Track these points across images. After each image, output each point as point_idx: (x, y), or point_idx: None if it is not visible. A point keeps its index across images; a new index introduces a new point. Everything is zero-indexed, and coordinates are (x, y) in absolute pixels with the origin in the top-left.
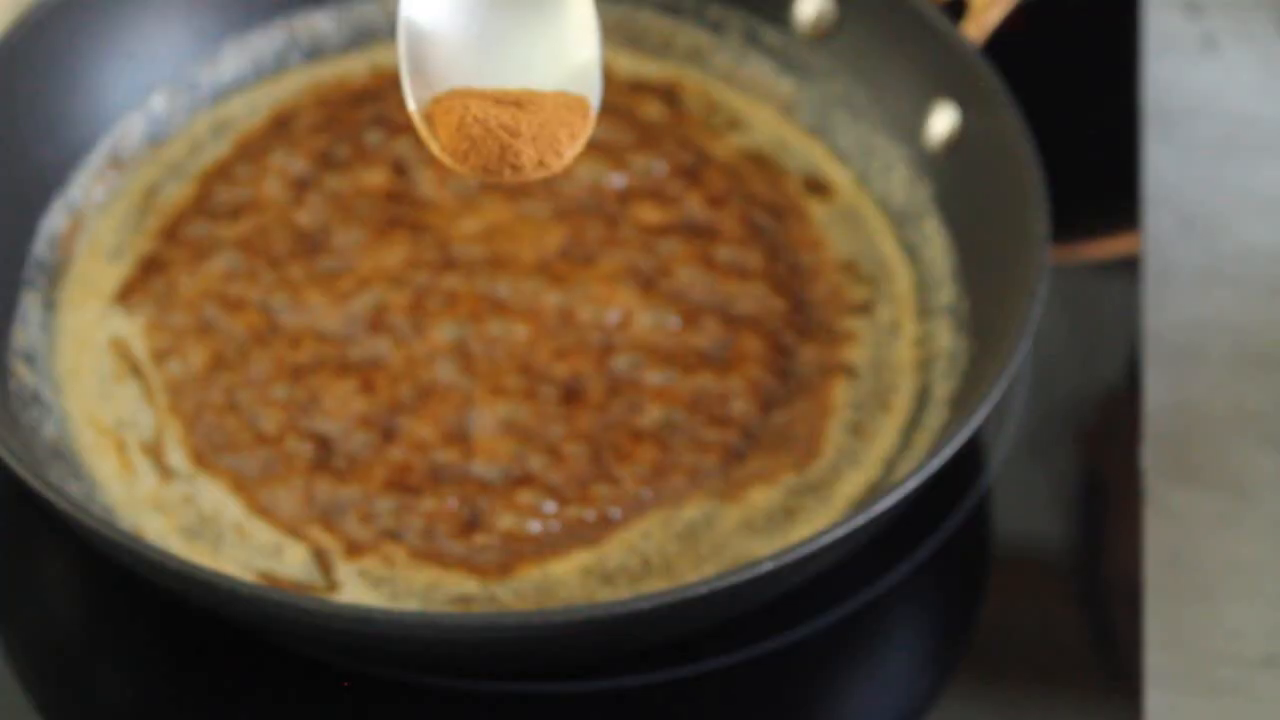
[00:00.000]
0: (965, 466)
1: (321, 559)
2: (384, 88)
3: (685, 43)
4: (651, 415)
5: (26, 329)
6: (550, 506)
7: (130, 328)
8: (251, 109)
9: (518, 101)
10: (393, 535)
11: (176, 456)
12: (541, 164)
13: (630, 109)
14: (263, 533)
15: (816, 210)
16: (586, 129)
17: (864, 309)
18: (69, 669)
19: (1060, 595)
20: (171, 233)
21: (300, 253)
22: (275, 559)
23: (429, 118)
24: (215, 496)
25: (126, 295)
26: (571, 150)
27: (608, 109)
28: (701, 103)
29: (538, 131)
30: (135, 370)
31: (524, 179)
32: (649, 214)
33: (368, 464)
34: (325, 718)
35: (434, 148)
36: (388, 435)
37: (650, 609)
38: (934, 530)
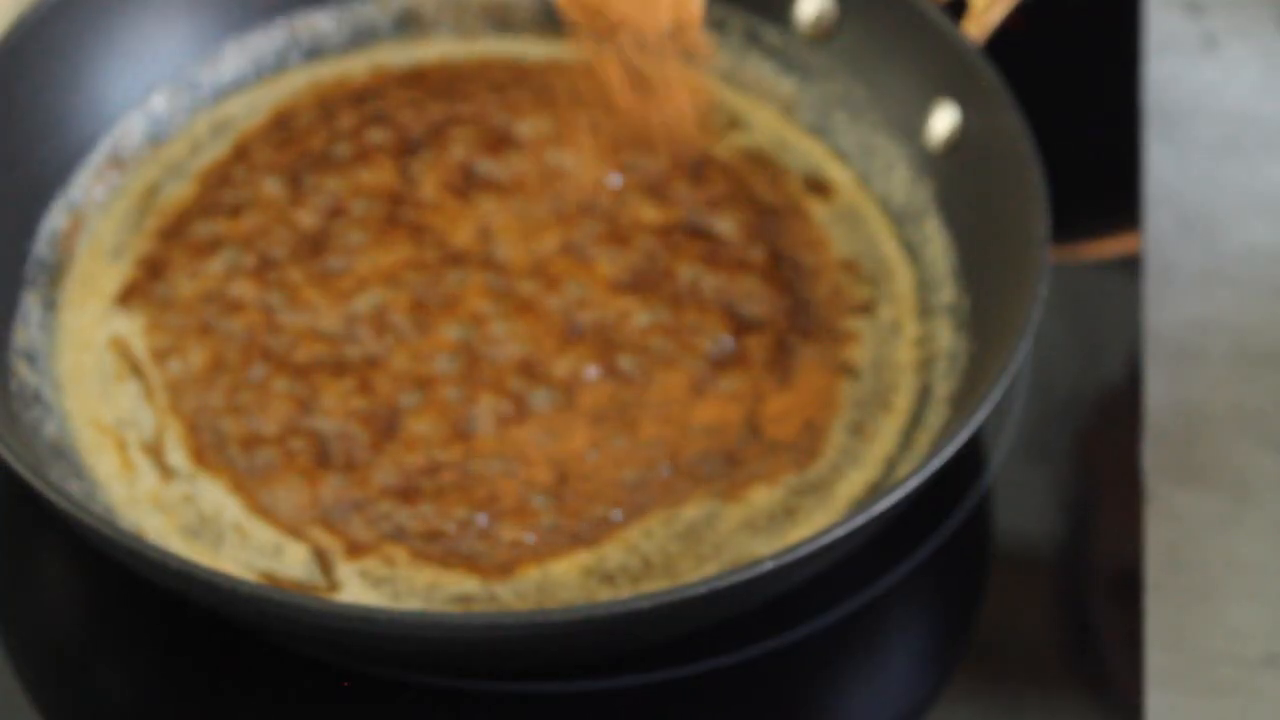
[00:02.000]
0: (966, 466)
1: (322, 559)
2: (384, 87)
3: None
4: (653, 414)
5: (27, 328)
6: (551, 506)
7: (130, 327)
8: (252, 108)
9: None
10: (393, 535)
11: (177, 456)
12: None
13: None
14: (263, 533)
15: (817, 210)
16: None
17: (865, 309)
18: (69, 668)
19: (1060, 595)
20: (172, 232)
21: (300, 253)
22: (276, 559)
23: None
24: (215, 496)
25: (127, 295)
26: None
27: (609, 108)
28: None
29: None
30: (135, 370)
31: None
32: (649, 214)
33: (368, 464)
34: (326, 718)
35: None
36: (388, 435)
37: (650, 608)
38: (934, 530)
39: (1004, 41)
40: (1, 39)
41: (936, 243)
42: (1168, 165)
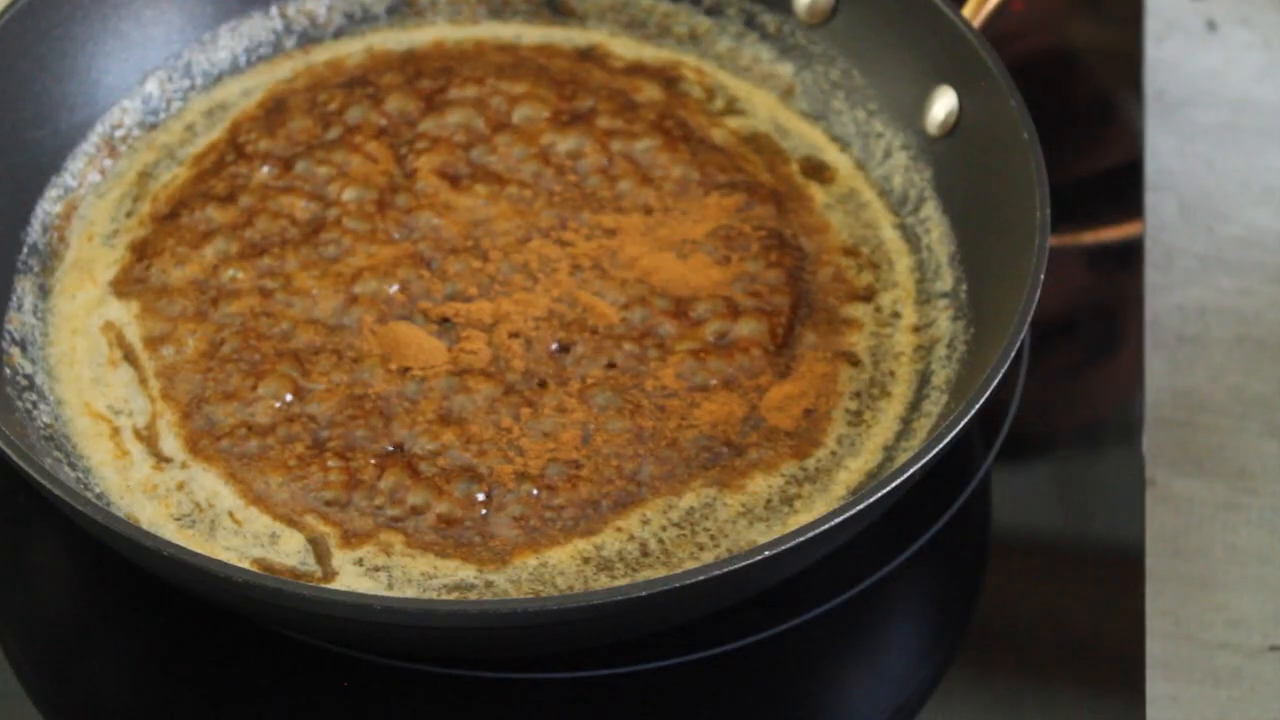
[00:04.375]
0: (964, 453)
1: (317, 547)
2: (378, 71)
3: (684, 27)
4: (651, 402)
5: (20, 314)
6: (547, 494)
7: (124, 313)
8: (246, 92)
9: None
10: (389, 523)
11: (170, 443)
12: None
13: (628, 92)
14: (258, 520)
15: (817, 195)
16: None
17: (866, 296)
18: (63, 657)
19: (1060, 583)
20: (165, 217)
21: (294, 238)
22: (271, 547)
23: None
24: (209, 484)
25: (120, 280)
26: None
27: (606, 92)
28: (700, 87)
29: None
30: (129, 356)
31: None
32: (648, 199)
33: (363, 452)
34: (322, 705)
35: None
36: (383, 423)
37: (648, 596)
38: (934, 517)
39: (1004, 25)
40: None
41: (935, 228)
42: (1168, 151)
